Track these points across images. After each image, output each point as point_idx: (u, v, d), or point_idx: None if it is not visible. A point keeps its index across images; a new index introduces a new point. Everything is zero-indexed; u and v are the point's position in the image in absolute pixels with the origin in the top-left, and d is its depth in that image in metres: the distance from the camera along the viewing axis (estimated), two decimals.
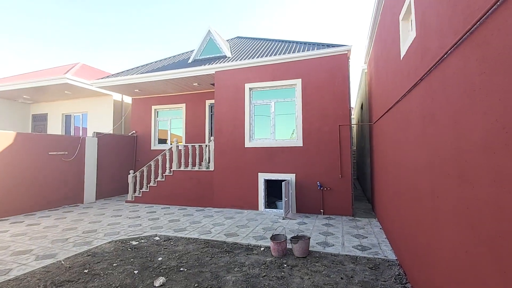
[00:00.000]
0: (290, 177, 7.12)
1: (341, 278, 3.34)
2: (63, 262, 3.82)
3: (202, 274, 3.47)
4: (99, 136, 9.45)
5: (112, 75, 10.16)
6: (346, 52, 6.88)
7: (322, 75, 7.06)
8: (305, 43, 8.33)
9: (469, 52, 1.72)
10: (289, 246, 4.36)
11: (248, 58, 7.96)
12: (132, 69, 10.44)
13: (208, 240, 4.85)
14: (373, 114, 6.60)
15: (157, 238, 5.00)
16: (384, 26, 4.94)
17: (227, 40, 11.02)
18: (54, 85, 9.94)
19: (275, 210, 7.26)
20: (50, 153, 7.82)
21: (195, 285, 3.15)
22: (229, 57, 8.74)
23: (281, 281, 3.27)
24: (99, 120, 11.49)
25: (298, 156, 7.14)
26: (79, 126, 12.17)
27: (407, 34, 3.39)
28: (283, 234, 4.42)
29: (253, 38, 10.57)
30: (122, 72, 10.24)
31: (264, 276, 3.41)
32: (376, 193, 6.36)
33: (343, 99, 6.84)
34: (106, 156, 9.62)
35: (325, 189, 6.81)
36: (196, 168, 8.26)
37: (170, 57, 11.02)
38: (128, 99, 11.86)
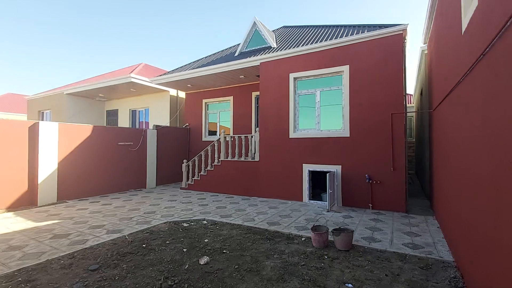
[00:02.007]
0: (336, 168, 6.87)
1: (386, 275, 3.16)
2: (127, 237, 4.43)
3: (243, 257, 3.65)
4: (158, 128, 10.46)
5: (168, 72, 11.06)
6: (401, 32, 6.22)
7: (373, 59, 6.54)
8: (353, 26, 7.79)
9: None
10: (331, 238, 4.26)
11: (293, 47, 7.81)
12: (184, 65, 11.20)
13: (251, 227, 5.05)
14: (433, 100, 5.89)
15: (205, 222, 5.40)
16: None
17: (273, 31, 10.95)
18: (122, 84, 11.30)
19: (319, 202, 7.12)
20: (119, 143, 8.98)
21: (235, 267, 3.34)
22: (274, 48, 8.70)
23: (320, 272, 3.24)
24: (158, 114, 12.71)
25: (344, 147, 6.82)
26: (142, 120, 13.66)
27: (469, 4, 2.92)
28: (325, 226, 4.34)
29: (299, 26, 10.28)
30: (176, 69, 11.07)
31: (303, 265, 3.43)
32: (436, 189, 5.72)
33: (396, 85, 6.24)
34: (164, 147, 10.62)
35: (374, 182, 6.40)
36: (243, 159, 8.55)
37: (218, 52, 11.48)
38: (182, 94, 12.80)
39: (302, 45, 7.65)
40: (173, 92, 12.53)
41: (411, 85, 19.22)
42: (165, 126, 10.98)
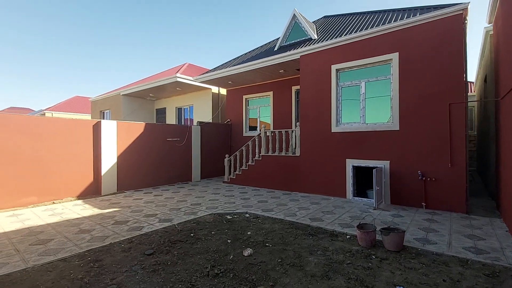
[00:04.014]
0: (383, 164, 6.45)
1: (443, 280, 2.90)
2: (176, 226, 4.76)
3: (285, 251, 3.66)
4: (202, 124, 10.97)
5: (210, 70, 11.47)
6: (461, 11, 5.53)
7: (427, 44, 5.94)
8: (403, 10, 7.17)
9: None
10: (379, 238, 4.04)
11: (335, 38, 7.48)
12: (225, 63, 11.49)
13: (292, 222, 5.04)
14: (501, 87, 5.15)
15: (247, 215, 5.54)
16: None
17: (313, 22, 10.61)
18: (169, 83, 12.06)
19: (365, 199, 6.78)
20: (168, 139, 9.64)
21: (278, 260, 3.38)
22: (314, 39, 8.44)
23: (368, 272, 3.10)
24: (201, 111, 13.31)
25: (393, 141, 6.37)
26: (187, 117, 14.45)
27: None
28: (372, 224, 4.13)
29: (341, 15, 9.80)
30: (218, 67, 11.42)
31: (349, 263, 3.32)
32: (504, 188, 5.03)
33: (455, 71, 5.60)
34: (207, 142, 11.10)
35: (428, 179, 5.87)
36: (283, 153, 8.53)
37: (258, 47, 11.53)
38: (223, 91, 13.20)
39: (345, 35, 7.28)
40: (215, 89, 12.99)
41: (472, 72, 17.01)
42: (208, 122, 11.46)
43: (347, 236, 4.27)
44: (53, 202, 6.80)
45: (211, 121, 12.37)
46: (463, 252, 3.61)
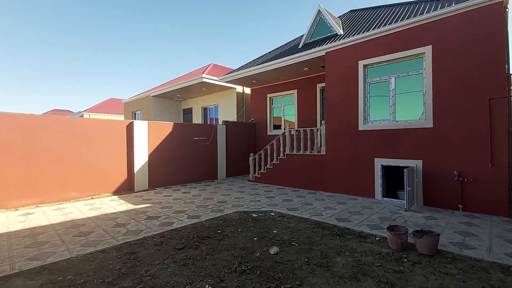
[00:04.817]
0: (415, 163, 6.15)
1: (483, 287, 2.73)
2: (204, 223, 4.93)
3: (312, 251, 3.65)
4: (227, 123, 11.17)
5: (234, 70, 11.64)
6: None
7: (463, 36, 5.56)
8: (436, 0, 6.73)
9: None
10: (410, 240, 3.88)
11: (362, 32, 7.23)
12: (249, 62, 11.59)
13: (318, 221, 4.98)
14: None
15: (272, 213, 5.57)
16: None
17: (339, 17, 10.33)
18: (195, 84, 12.43)
19: (395, 200, 6.52)
20: (194, 138, 9.95)
21: (305, 260, 3.37)
22: (340, 35, 8.23)
23: (399, 275, 3.00)
24: (226, 110, 13.56)
25: (425, 140, 6.04)
26: (212, 117, 14.80)
27: None
28: (403, 226, 3.97)
29: (368, 8, 9.44)
30: (242, 66, 11.55)
31: (379, 266, 3.23)
32: None
33: (496, 64, 5.18)
34: (232, 141, 11.29)
35: (465, 180, 5.50)
36: (308, 152, 8.44)
37: (282, 46, 11.48)
38: (247, 90, 13.32)
39: (373, 29, 7.02)
40: (239, 88, 13.15)
41: None
42: (232, 121, 11.64)
43: (376, 238, 4.14)
44: (92, 197, 7.33)
45: (235, 120, 12.55)
46: (505, 258, 3.36)
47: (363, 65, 7.10)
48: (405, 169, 5.67)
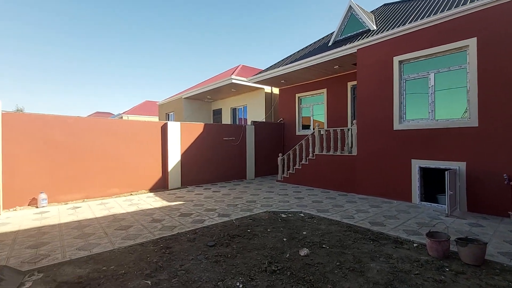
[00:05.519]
0: (458, 165, 5.70)
1: None
2: (234, 221, 5.02)
3: (344, 255, 3.55)
4: (255, 124, 11.26)
5: (263, 70, 11.69)
6: None
7: None
8: None
9: None
10: (453, 248, 3.61)
11: (397, 27, 6.86)
12: (278, 62, 11.56)
13: (350, 224, 4.83)
14: None
15: (302, 214, 5.52)
16: None
17: (371, 12, 9.90)
18: (224, 85, 12.71)
19: (435, 204, 6.10)
20: (224, 138, 10.18)
21: (337, 263, 3.29)
22: (373, 30, 7.88)
23: (440, 285, 2.81)
24: (255, 111, 13.66)
25: (470, 140, 5.57)
26: (241, 117, 15.01)
27: None
28: (445, 233, 3.71)
29: (403, 1, 8.93)
30: (270, 66, 11.56)
31: (417, 274, 3.05)
32: None
33: None
34: (260, 141, 11.36)
35: None
36: (338, 153, 8.21)
37: (311, 44, 11.30)
38: (276, 90, 13.31)
39: (409, 22, 6.62)
40: (267, 89, 13.19)
41: None
42: (261, 121, 11.71)
43: (414, 244, 3.91)
44: (131, 194, 7.84)
45: (264, 120, 12.60)
46: None
47: (399, 61, 6.73)
48: (446, 172, 5.28)
